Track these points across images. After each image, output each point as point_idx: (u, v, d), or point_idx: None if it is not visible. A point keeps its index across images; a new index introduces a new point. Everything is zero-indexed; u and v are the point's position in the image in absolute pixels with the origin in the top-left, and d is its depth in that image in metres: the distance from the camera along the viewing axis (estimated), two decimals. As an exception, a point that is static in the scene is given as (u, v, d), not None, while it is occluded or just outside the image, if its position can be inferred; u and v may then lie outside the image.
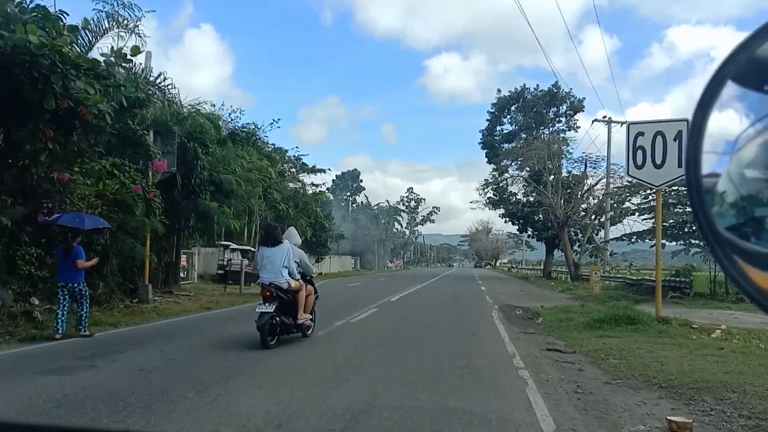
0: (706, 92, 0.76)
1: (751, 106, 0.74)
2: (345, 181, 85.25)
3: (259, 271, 9.26)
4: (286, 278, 8.81)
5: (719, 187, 0.76)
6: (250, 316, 13.47)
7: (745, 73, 0.74)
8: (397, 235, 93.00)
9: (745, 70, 0.73)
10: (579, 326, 11.25)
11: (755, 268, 0.71)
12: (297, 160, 55.42)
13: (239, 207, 19.53)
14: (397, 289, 26.15)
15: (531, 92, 50.95)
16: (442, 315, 14.83)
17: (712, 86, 0.75)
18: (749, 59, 0.72)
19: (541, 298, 22.26)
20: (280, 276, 8.77)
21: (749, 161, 0.73)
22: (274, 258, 8.83)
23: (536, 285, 36.56)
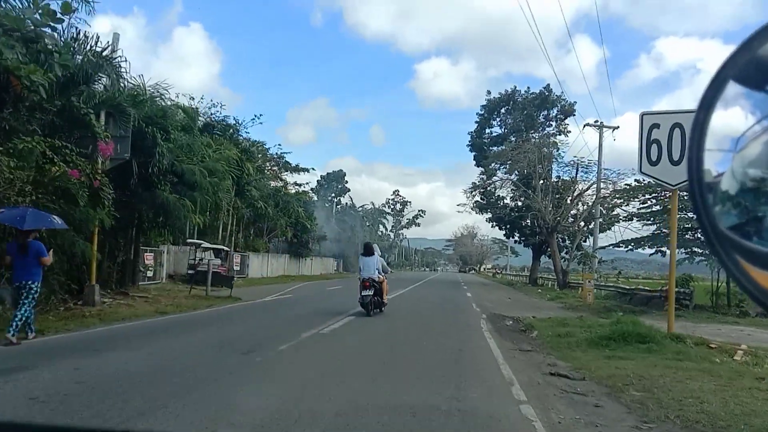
0: (708, 92, 0.76)
1: (753, 106, 0.75)
2: (330, 182, 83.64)
3: (361, 272, 14.92)
4: (376, 275, 14.77)
5: (721, 186, 0.77)
6: (206, 324, 11.83)
7: (746, 74, 0.74)
8: (382, 238, 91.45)
9: (747, 71, 0.74)
10: (582, 343, 9.79)
11: (757, 267, 0.71)
12: (280, 159, 53.97)
13: (204, 201, 17.85)
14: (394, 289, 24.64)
15: (522, 95, 49.81)
16: (424, 325, 13.32)
17: (714, 86, 0.76)
18: (750, 59, 0.73)
19: (531, 307, 20.85)
20: (374, 273, 14.67)
21: (751, 160, 0.74)
22: (369, 263, 14.83)
23: (523, 292, 35.22)
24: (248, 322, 12.61)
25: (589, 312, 19.05)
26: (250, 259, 38.17)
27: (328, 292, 26.47)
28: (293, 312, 15.06)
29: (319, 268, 58.28)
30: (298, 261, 50.21)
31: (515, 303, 23.29)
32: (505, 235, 54.50)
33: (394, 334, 11.30)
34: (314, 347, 8.99)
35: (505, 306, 20.95)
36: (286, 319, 13.24)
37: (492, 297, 27.15)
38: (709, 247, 0.76)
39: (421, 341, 10.26)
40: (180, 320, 12.57)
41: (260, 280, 36.27)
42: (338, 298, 21.57)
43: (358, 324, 12.60)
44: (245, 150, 31.07)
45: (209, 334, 10.26)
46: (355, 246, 73.12)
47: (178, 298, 17.53)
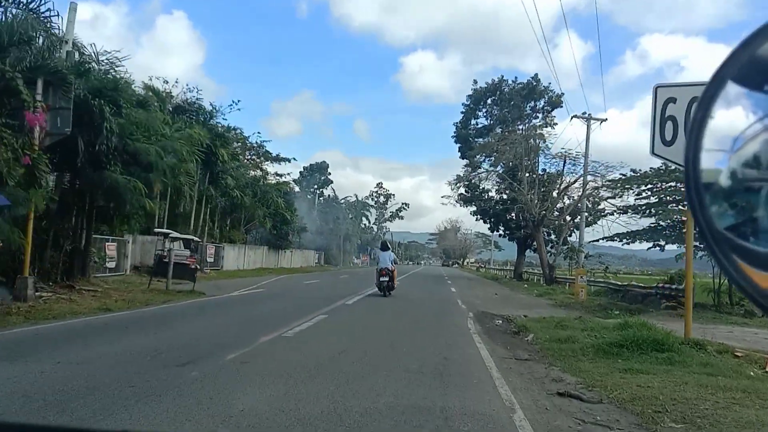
0: (707, 92, 0.76)
1: (752, 105, 0.74)
2: (312, 174, 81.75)
3: (378, 263, 19.44)
4: (391, 266, 18.81)
5: (719, 186, 0.76)
6: (151, 325, 10.05)
7: (745, 73, 0.74)
8: (365, 231, 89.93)
9: (746, 70, 0.73)
10: (587, 350, 8.38)
11: (755, 268, 0.71)
12: (260, 147, 52.28)
13: (162, 184, 16.08)
14: (357, 288, 23.12)
15: (509, 85, 48.48)
16: (405, 326, 11.85)
17: (713, 86, 0.76)
18: (750, 59, 0.73)
19: (521, 305, 19.51)
20: (389, 264, 18.80)
21: (749, 161, 0.73)
22: (385, 257, 19.13)
23: (509, 287, 33.98)
24: (202, 322, 11.03)
25: (583, 310, 17.75)
26: (225, 251, 36.42)
27: (305, 286, 24.91)
28: (258, 310, 13.52)
29: (299, 260, 56.62)
30: (277, 253, 48.52)
31: (503, 299, 21.95)
32: (490, 228, 53.29)
33: (369, 338, 9.81)
34: (269, 357, 7.45)
35: (492, 303, 19.59)
36: (248, 318, 11.69)
37: (478, 293, 25.79)
38: (707, 247, 0.75)
39: (401, 347, 8.79)
40: (123, 319, 10.93)
41: (235, 272, 34.58)
42: (313, 293, 20.02)
43: (327, 325, 11.08)
44: (219, 135, 29.28)
45: (149, 337, 8.67)
46: (337, 239, 71.58)
47: (134, 293, 15.87)
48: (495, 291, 28.28)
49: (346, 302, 16.04)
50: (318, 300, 16.24)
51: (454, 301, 19.24)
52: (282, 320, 10.94)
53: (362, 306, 15.30)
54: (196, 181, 25.39)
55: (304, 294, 19.39)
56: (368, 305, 16.31)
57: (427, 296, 21.73)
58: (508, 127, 45.65)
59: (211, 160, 28.62)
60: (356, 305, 15.52)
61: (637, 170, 20.51)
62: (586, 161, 36.24)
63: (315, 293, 19.88)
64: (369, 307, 15.87)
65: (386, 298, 18.40)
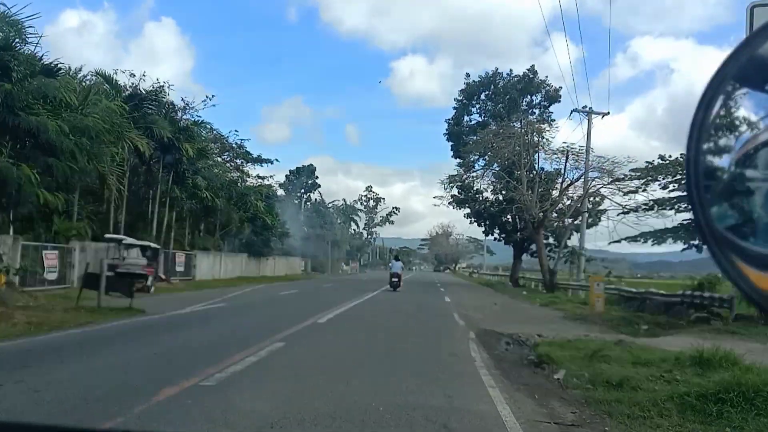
0: (708, 91, 0.75)
1: (753, 105, 0.74)
2: (299, 177, 78.59)
3: (391, 268, 31.81)
4: (400, 271, 30.90)
5: (719, 186, 0.76)
6: (21, 366, 7.10)
7: (746, 72, 0.74)
8: (354, 237, 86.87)
9: (747, 69, 0.73)
10: (665, 406, 5.40)
11: (754, 268, 0.71)
12: (239, 148, 49.34)
13: (68, 170, 12.71)
14: (339, 299, 20.15)
15: (504, 78, 45.77)
16: (387, 358, 8.83)
17: (714, 85, 0.75)
18: (750, 58, 0.72)
19: (527, 317, 16.60)
20: (398, 270, 30.85)
21: (750, 160, 0.73)
22: (397, 264, 32.52)
23: (508, 295, 31.05)
24: (99, 359, 7.91)
25: (604, 325, 14.86)
26: (197, 259, 33.25)
27: (278, 298, 21.84)
28: (195, 336, 10.46)
29: (283, 268, 53.43)
30: (259, 261, 45.36)
31: (505, 310, 19.02)
32: (485, 232, 50.43)
33: (332, 380, 6.77)
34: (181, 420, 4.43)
35: (494, 316, 16.65)
36: (168, 351, 8.59)
37: (475, 302, 22.84)
38: (707, 247, 0.75)
39: (376, 396, 5.80)
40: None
41: (208, 282, 31.42)
42: (283, 308, 16.98)
43: (277, 362, 8.01)
44: (183, 129, 26.21)
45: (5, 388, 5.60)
46: (325, 245, 68.49)
47: (54, 311, 12.74)
48: (493, 300, 25.35)
49: (317, 320, 13.01)
50: (283, 318, 13.25)
51: (450, 315, 16.27)
52: (216, 354, 7.90)
53: (334, 326, 12.28)
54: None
55: (271, 310, 16.38)
56: (344, 323, 13.33)
57: (417, 308, 18.76)
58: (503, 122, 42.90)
59: (174, 156, 25.55)
60: (327, 325, 12.47)
61: (665, 157, 17.72)
62: (587, 158, 33.60)
63: (285, 308, 16.89)
64: (343, 326, 12.90)
65: (366, 314, 15.47)
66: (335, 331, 11.97)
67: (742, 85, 0.74)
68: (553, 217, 35.79)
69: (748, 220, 0.74)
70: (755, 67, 0.72)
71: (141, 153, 23.66)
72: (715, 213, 0.76)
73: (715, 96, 0.75)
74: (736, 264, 0.72)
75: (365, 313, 16.32)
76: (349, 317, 15.05)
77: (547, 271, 34.19)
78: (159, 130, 23.73)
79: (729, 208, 0.76)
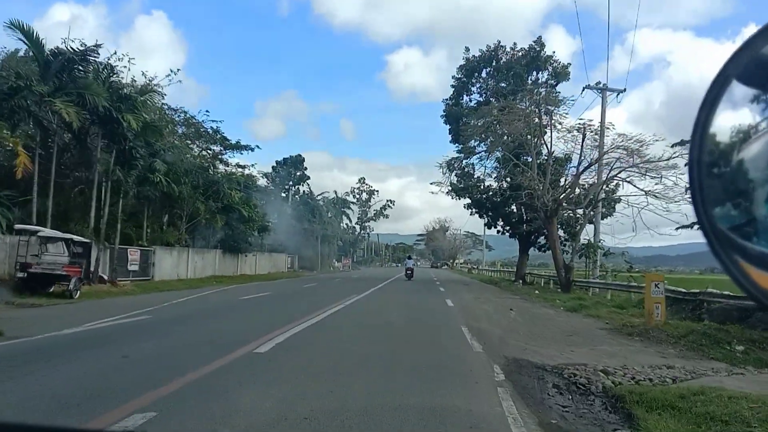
0: (710, 91, 0.75)
1: (755, 105, 0.74)
2: (287, 169, 73.82)
3: (406, 263, 47.75)
4: (412, 265, 46.15)
5: (722, 186, 0.77)
6: None
7: (749, 73, 0.73)
8: (347, 232, 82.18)
9: (749, 70, 0.73)
10: None
11: (755, 267, 0.71)
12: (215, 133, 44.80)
13: None
14: (316, 305, 15.70)
15: (507, 52, 41.11)
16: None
17: (716, 85, 0.75)
18: (753, 59, 0.72)
19: (563, 332, 12.09)
20: (411, 264, 45.75)
21: (752, 161, 0.73)
22: (410, 261, 48.72)
23: (520, 296, 26.54)
24: None
25: (676, 343, 10.37)
26: (157, 256, 28.60)
27: (235, 304, 17.24)
28: (50, 381, 5.85)
29: (267, 265, 48.80)
30: (237, 258, 40.72)
31: (526, 320, 14.48)
32: (487, 224, 45.87)
33: None
34: None
35: (516, 330, 12.12)
36: None
37: (485, 306, 18.31)
38: (709, 246, 0.75)
39: None
40: None
41: (169, 283, 26.83)
42: (227, 324, 12.33)
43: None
44: (125, 98, 21.51)
45: None
46: (314, 241, 63.86)
47: None
48: (504, 302, 20.84)
49: (256, 349, 8.38)
50: (209, 346, 8.68)
51: (456, 330, 11.70)
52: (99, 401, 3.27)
53: (272, 367, 7.64)
54: (54, 148, 17.79)
55: (202, 327, 11.78)
56: (307, 346, 8.76)
57: (412, 316, 14.23)
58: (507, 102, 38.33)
59: (115, 130, 20.91)
60: (265, 363, 7.81)
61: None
62: (602, 141, 29.17)
63: (230, 324, 12.35)
64: (305, 349, 8.34)
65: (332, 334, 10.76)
66: (291, 358, 7.43)
67: (745, 85, 0.73)
68: (567, 206, 31.31)
69: (750, 220, 0.72)
70: (757, 68, 0.71)
71: (70, 124, 19.02)
72: (717, 213, 0.75)
73: (717, 96, 0.74)
74: (738, 263, 0.72)
75: (341, 327, 11.78)
76: (316, 333, 10.51)
77: (561, 267, 29.68)
78: (92, 97, 19.07)
79: (731, 208, 0.75)
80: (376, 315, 14.53)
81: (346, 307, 16.48)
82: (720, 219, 0.76)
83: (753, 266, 0.71)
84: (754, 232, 0.73)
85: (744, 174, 0.74)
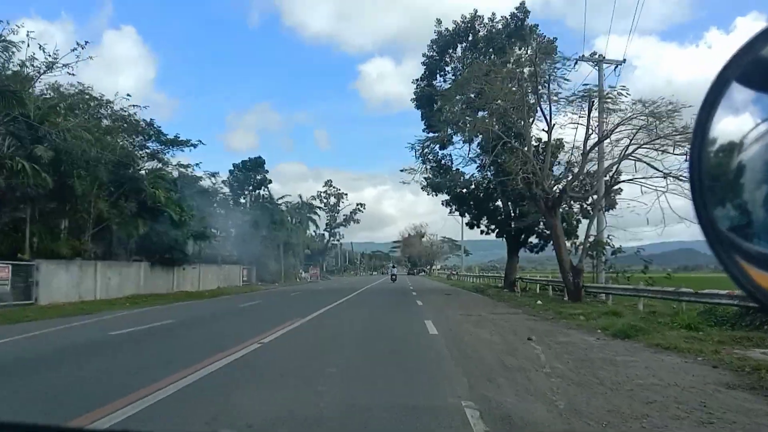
0: (711, 93, 0.76)
1: (755, 106, 0.74)
2: (246, 172, 66.74)
3: (390, 271, 67.39)
4: (395, 272, 66.26)
5: (722, 187, 0.77)
6: None
7: (749, 74, 0.74)
8: (314, 239, 75.23)
9: (749, 71, 0.73)
10: None
11: (756, 268, 0.71)
12: (149, 125, 38.09)
13: None
14: (232, 338, 9.30)
15: (485, 24, 35.15)
16: None
17: (717, 87, 0.75)
18: (753, 60, 0.73)
19: (651, 396, 5.78)
20: (395, 272, 65.32)
21: (752, 161, 0.73)
22: (394, 270, 68.12)
23: (521, 309, 20.36)
24: None
25: None
26: (41, 272, 21.64)
27: (95, 346, 10.51)
28: None
29: (215, 279, 41.76)
30: (171, 272, 33.75)
31: (567, 364, 8.16)
32: (469, 223, 39.67)
33: None
34: None
35: (578, 407, 5.79)
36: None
37: (487, 334, 11.88)
38: (709, 246, 0.75)
39: None
40: None
41: (61, 308, 20.00)
42: (95, 373, 5.78)
43: None
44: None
45: None
46: (275, 249, 56.96)
47: None
48: (511, 324, 14.54)
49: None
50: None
51: (456, 413, 5.32)
52: None
53: None
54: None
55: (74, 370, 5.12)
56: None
57: (368, 358, 7.85)
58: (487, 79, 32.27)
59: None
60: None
61: None
62: (601, 121, 23.40)
63: (97, 373, 5.72)
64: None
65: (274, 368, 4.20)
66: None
67: (745, 86, 0.73)
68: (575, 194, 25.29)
69: (751, 220, 0.73)
70: (757, 69, 0.71)
71: None
72: (718, 213, 0.75)
73: (717, 97, 0.74)
74: (739, 264, 0.72)
75: (233, 392, 5.34)
76: None
77: (569, 270, 23.61)
78: None
79: (732, 208, 0.75)
80: (333, 337, 8.11)
81: (288, 333, 10.04)
82: (720, 219, 0.75)
83: (753, 266, 0.70)
84: (754, 233, 0.72)
85: (744, 175, 0.73)
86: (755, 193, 0.73)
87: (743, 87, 0.74)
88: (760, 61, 0.71)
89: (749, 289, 0.72)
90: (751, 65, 0.72)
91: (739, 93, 0.74)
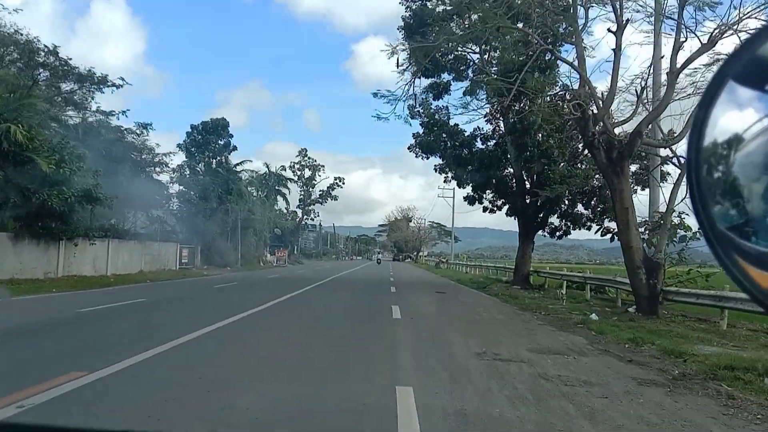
0: (708, 91, 0.76)
1: (753, 105, 0.75)
2: (206, 135, 56.58)
3: (375, 255, 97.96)
4: (380, 257, 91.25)
5: (720, 185, 0.77)
6: None
7: (746, 73, 0.74)
8: (283, 216, 65.34)
9: (747, 70, 0.74)
10: None
11: (756, 267, 0.71)
12: (52, 55, 28.89)
13: None
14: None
15: None
16: None
17: (714, 85, 0.76)
18: (751, 59, 0.73)
19: None
20: (379, 257, 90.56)
21: (750, 160, 0.74)
22: (378, 255, 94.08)
23: (566, 331, 11.02)
24: None
25: None
26: None
27: None
28: None
29: (136, 260, 32.01)
30: (57, 247, 24.02)
31: None
32: (471, 197, 30.09)
33: None
34: None
35: None
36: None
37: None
38: (708, 245, 0.75)
39: None
40: None
41: None
42: None
43: None
44: None
45: None
46: (229, 224, 47.25)
47: None
48: (601, 401, 5.12)
49: None
50: None
51: None
52: None
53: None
54: None
55: None
56: None
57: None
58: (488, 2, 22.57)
59: None
60: None
61: None
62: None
63: None
64: None
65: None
66: None
67: (743, 85, 0.74)
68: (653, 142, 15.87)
69: (750, 219, 0.73)
70: (756, 68, 0.72)
71: None
72: (717, 212, 0.75)
73: (715, 96, 0.74)
74: (739, 263, 0.72)
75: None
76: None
77: (641, 264, 14.32)
78: None
79: (731, 207, 0.75)
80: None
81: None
82: (719, 218, 0.75)
83: (753, 266, 0.70)
84: (753, 232, 0.72)
85: (743, 173, 0.73)
86: (754, 191, 0.72)
87: (741, 85, 0.73)
88: (759, 60, 0.71)
89: (749, 289, 0.71)
90: (750, 64, 0.72)
91: (738, 91, 0.73)
